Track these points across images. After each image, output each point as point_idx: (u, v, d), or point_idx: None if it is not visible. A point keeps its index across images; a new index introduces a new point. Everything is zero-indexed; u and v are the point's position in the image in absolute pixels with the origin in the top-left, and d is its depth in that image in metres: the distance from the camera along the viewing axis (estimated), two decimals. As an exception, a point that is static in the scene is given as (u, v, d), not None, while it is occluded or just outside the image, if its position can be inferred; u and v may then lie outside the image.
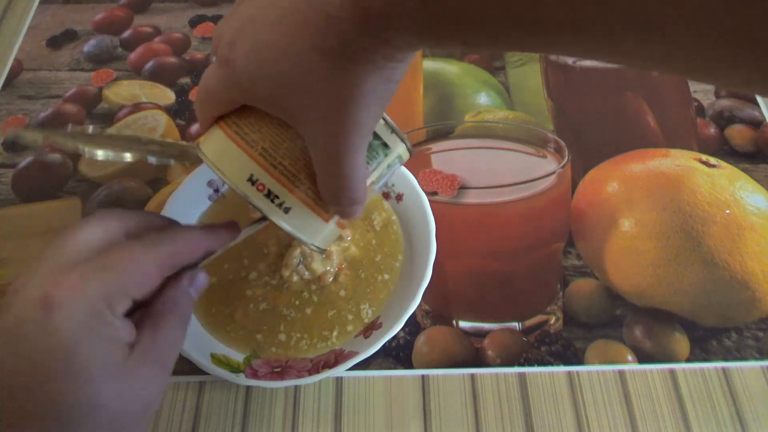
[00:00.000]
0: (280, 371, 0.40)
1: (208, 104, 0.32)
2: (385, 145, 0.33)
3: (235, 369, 0.40)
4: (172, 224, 0.34)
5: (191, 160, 0.40)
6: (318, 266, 0.44)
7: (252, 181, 0.30)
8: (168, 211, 0.45)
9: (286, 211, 0.31)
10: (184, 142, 0.36)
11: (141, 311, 0.31)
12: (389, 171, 0.35)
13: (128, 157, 0.37)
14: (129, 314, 0.30)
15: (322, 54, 0.25)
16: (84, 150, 0.35)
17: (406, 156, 0.35)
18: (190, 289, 0.32)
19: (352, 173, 0.29)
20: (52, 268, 0.28)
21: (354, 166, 0.29)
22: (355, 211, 0.32)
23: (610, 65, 0.61)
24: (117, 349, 0.28)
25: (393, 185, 0.47)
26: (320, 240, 0.34)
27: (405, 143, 0.34)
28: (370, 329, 0.42)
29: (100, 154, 0.35)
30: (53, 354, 0.26)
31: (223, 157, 0.31)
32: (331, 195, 0.31)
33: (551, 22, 0.21)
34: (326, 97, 0.27)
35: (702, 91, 0.60)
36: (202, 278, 0.33)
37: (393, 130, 0.33)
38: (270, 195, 0.30)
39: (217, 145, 0.31)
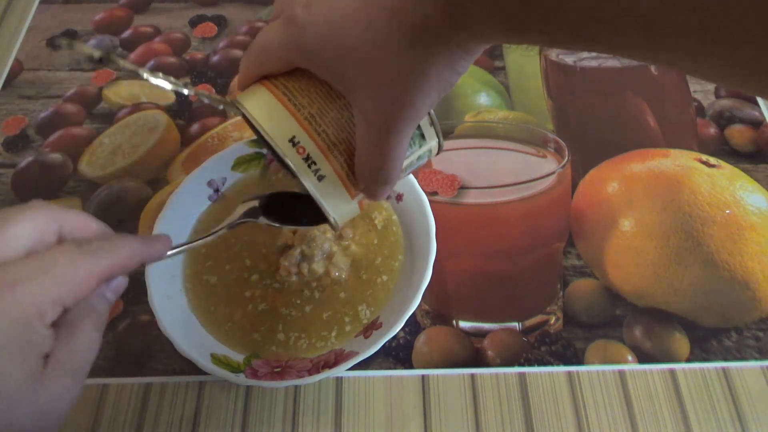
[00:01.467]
0: (280, 371, 0.40)
1: (259, 61, 0.31)
2: (423, 137, 0.33)
3: (235, 369, 0.40)
4: (106, 231, 0.32)
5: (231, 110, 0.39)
6: (318, 267, 0.44)
7: (293, 142, 0.30)
8: (168, 211, 0.45)
9: (320, 178, 0.31)
10: (218, 97, 0.35)
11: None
12: (418, 162, 0.35)
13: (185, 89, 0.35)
14: None
15: (400, 30, 0.26)
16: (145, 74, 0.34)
17: (435, 151, 0.35)
18: (107, 293, 0.30)
19: (394, 153, 0.29)
20: None
21: (398, 146, 0.29)
22: (383, 193, 0.32)
23: (609, 65, 0.61)
24: (35, 363, 0.26)
25: (393, 185, 0.47)
26: (340, 215, 0.33)
27: (439, 138, 0.34)
28: (370, 329, 0.42)
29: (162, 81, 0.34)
30: None
31: (267, 115, 0.31)
32: (368, 170, 0.31)
33: (637, 17, 0.21)
34: (392, 73, 0.27)
35: (702, 91, 0.60)
36: (120, 281, 0.31)
37: (432, 123, 0.33)
38: (308, 159, 0.30)
39: (261, 102, 0.31)
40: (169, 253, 0.34)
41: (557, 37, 0.25)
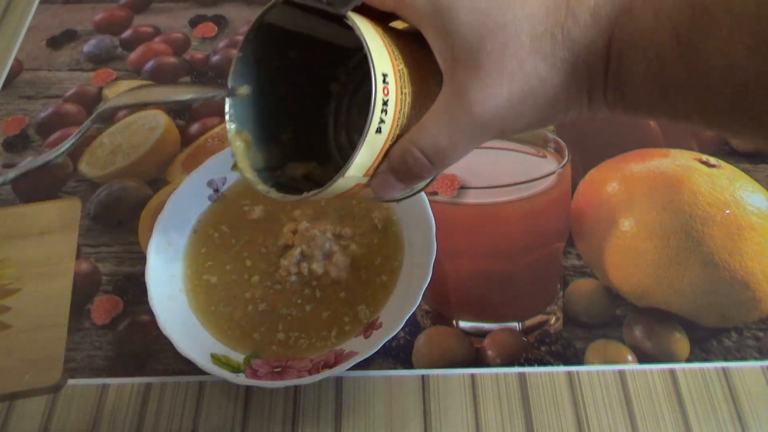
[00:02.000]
0: (280, 371, 0.40)
1: None
2: None
3: (235, 369, 0.40)
4: None
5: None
6: (318, 267, 0.44)
7: (385, 80, 0.28)
8: (168, 211, 0.45)
9: (378, 130, 0.28)
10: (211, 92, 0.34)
11: None
12: (414, 190, 0.33)
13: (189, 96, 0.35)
14: None
15: (559, 42, 0.25)
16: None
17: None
18: None
19: (459, 149, 0.28)
20: None
21: (467, 144, 0.28)
22: (390, 190, 0.30)
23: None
24: None
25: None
26: (354, 173, 0.29)
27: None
28: (370, 329, 0.42)
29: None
30: None
31: (373, 44, 0.28)
32: (420, 149, 0.28)
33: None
34: (527, 77, 0.26)
35: (702, 91, 0.60)
36: None
37: None
38: (385, 104, 0.28)
39: (368, 30, 0.28)
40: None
41: (704, 109, 0.25)
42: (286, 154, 0.35)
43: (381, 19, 0.30)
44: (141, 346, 0.46)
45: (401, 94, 0.28)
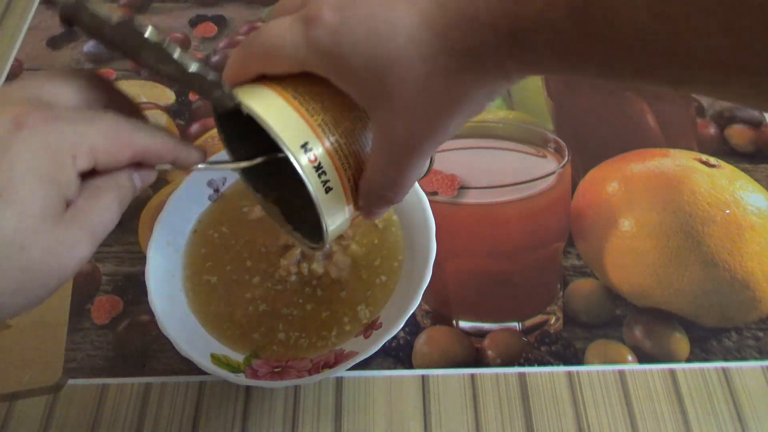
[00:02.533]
0: (280, 371, 0.40)
1: (262, 58, 0.29)
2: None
3: (235, 369, 0.40)
4: (154, 125, 0.32)
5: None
6: (318, 267, 0.44)
7: (306, 148, 0.28)
8: (168, 211, 0.45)
9: (327, 190, 0.29)
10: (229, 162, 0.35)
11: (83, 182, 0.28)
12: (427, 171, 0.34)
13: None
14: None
15: (450, 53, 0.25)
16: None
17: (421, 175, 0.34)
18: (135, 176, 0.30)
19: (412, 174, 0.29)
20: (26, 101, 0.26)
21: (417, 167, 0.28)
22: (382, 212, 0.32)
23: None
24: (56, 202, 0.26)
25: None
26: (335, 229, 0.32)
27: (432, 164, 0.33)
28: (370, 329, 0.42)
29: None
30: (3, 172, 0.24)
31: (279, 118, 0.28)
32: (378, 188, 0.30)
33: (711, 56, 0.21)
34: (432, 92, 0.26)
35: (702, 91, 0.60)
36: (149, 173, 0.31)
37: None
38: (319, 169, 0.29)
39: (270, 103, 0.29)
40: (199, 166, 0.32)
41: (616, 73, 0.24)
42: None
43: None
44: (141, 346, 0.46)
45: (335, 143, 0.29)
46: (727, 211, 0.51)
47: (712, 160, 0.54)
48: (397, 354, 0.45)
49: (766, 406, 0.42)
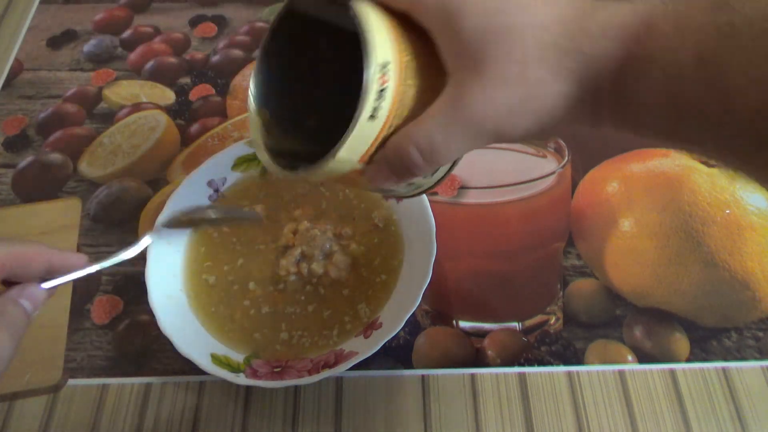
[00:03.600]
0: (280, 371, 0.40)
1: None
2: (455, 163, 0.32)
3: (235, 369, 0.40)
4: (23, 240, 0.32)
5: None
6: (318, 267, 0.44)
7: (384, 69, 0.27)
8: (168, 211, 0.45)
9: (372, 117, 0.28)
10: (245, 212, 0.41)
11: None
12: (417, 189, 0.34)
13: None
14: None
15: (567, 50, 0.25)
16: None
17: (450, 164, 0.33)
18: (22, 300, 0.29)
19: (452, 149, 0.27)
20: None
21: (460, 147, 0.27)
22: (381, 182, 0.30)
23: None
24: None
25: (393, 185, 0.47)
26: (345, 156, 0.29)
27: (452, 169, 0.33)
28: (370, 329, 0.42)
29: None
30: None
31: (377, 30, 0.27)
32: (410, 145, 0.27)
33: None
34: (529, 83, 0.25)
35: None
36: (36, 291, 0.30)
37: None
38: (381, 93, 0.27)
39: (375, 17, 0.28)
40: (85, 269, 0.33)
41: (734, 158, 0.24)
42: (307, 139, 0.35)
43: (404, 18, 0.29)
44: (141, 346, 0.46)
45: (403, 85, 0.28)
46: (727, 211, 0.51)
47: (712, 160, 0.54)
48: (397, 354, 0.45)
49: (766, 406, 0.42)
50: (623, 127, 0.27)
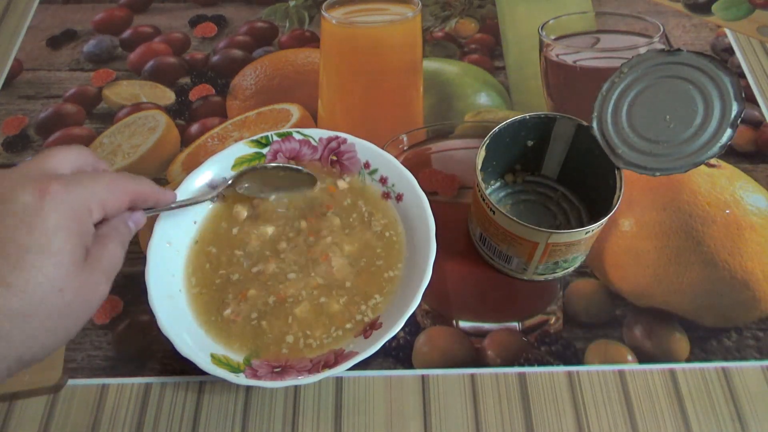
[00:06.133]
0: (280, 371, 0.40)
1: None
2: None
3: (235, 369, 0.40)
4: (137, 175, 0.39)
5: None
6: (318, 267, 0.44)
7: None
8: (168, 211, 0.45)
9: None
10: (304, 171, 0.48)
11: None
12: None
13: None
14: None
15: None
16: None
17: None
18: (130, 222, 0.37)
19: None
20: (41, 175, 0.32)
21: None
22: None
23: (609, 65, 0.61)
24: (81, 250, 0.32)
25: (393, 185, 0.47)
26: None
27: None
28: (370, 329, 0.42)
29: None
30: (38, 231, 0.30)
31: None
32: None
33: None
34: None
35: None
36: (139, 216, 0.39)
37: None
38: None
39: None
40: (173, 204, 0.42)
41: None
42: None
43: None
44: (141, 346, 0.46)
45: None
46: (727, 211, 0.51)
47: (712, 160, 0.54)
48: (397, 354, 0.45)
49: (766, 406, 0.42)
50: None
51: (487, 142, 0.45)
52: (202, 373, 0.39)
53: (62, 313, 0.31)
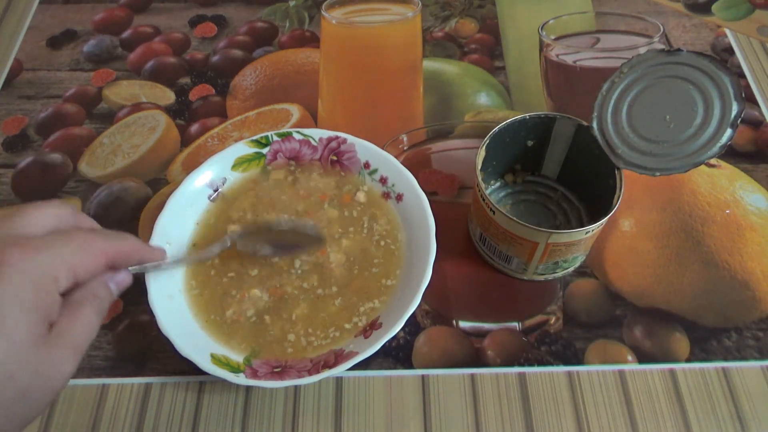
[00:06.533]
0: (280, 371, 0.40)
1: None
2: None
3: (235, 369, 0.40)
4: (118, 231, 0.36)
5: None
6: (317, 267, 0.44)
7: None
8: (168, 211, 0.45)
9: None
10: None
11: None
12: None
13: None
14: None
15: None
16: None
17: None
18: (111, 284, 0.34)
19: None
20: (3, 238, 0.29)
21: None
22: None
23: (609, 65, 0.61)
24: (40, 326, 0.29)
25: (393, 185, 0.47)
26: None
27: None
28: (370, 329, 0.42)
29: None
30: None
31: None
32: None
33: None
34: None
35: (702, 91, 0.60)
36: (123, 277, 0.35)
37: None
38: None
39: None
40: (165, 262, 0.40)
41: None
42: None
43: None
44: (141, 346, 0.46)
45: None
46: (727, 211, 0.51)
47: (712, 160, 0.54)
48: (397, 354, 0.45)
49: (766, 406, 0.42)
50: None
51: (487, 142, 0.45)
52: (202, 373, 0.39)
53: (15, 399, 0.27)
